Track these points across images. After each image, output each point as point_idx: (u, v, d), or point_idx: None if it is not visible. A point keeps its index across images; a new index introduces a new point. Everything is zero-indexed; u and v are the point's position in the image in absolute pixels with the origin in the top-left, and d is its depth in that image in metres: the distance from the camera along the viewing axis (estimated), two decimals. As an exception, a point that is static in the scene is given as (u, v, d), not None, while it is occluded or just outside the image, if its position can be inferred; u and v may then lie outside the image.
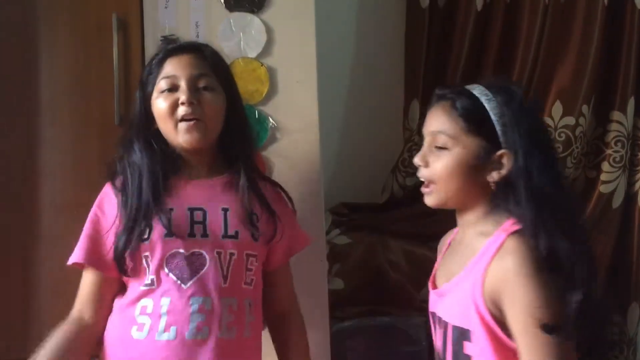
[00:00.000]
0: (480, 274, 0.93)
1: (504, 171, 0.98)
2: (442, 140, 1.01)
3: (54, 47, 1.54)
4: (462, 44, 1.93)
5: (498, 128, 0.98)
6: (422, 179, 1.05)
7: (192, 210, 1.18)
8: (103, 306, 1.21)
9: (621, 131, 1.95)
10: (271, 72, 1.55)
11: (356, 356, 1.74)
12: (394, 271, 1.85)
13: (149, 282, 1.15)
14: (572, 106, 1.91)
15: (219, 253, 1.16)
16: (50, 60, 1.53)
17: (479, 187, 1.01)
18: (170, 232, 1.14)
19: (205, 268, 1.15)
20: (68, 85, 1.53)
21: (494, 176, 0.99)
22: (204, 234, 1.17)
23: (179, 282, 1.14)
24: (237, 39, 1.55)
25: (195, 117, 1.16)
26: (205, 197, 1.20)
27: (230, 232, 1.18)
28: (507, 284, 0.90)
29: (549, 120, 1.91)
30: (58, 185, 1.51)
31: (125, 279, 1.20)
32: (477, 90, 1.02)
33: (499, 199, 0.99)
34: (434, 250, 1.87)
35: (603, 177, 1.96)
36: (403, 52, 1.99)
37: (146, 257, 1.15)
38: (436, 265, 1.15)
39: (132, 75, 1.52)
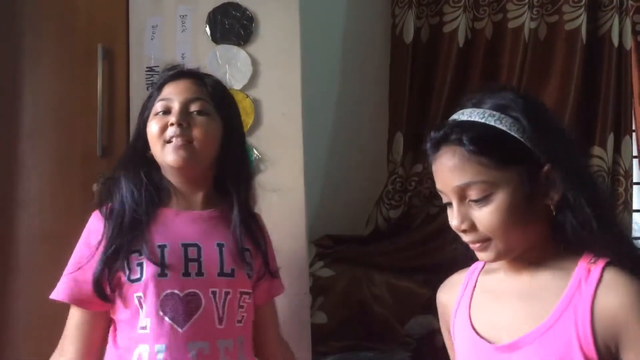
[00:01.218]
0: (585, 316, 0.81)
1: (560, 186, 0.83)
2: (477, 191, 0.83)
3: (38, 76, 1.53)
4: (445, 79, 1.97)
5: (528, 144, 0.83)
6: (473, 243, 0.87)
7: (186, 246, 1.12)
8: (89, 344, 1.14)
9: (602, 166, 1.99)
10: (256, 104, 1.56)
11: (339, 392, 1.70)
12: (377, 305, 1.83)
13: (144, 325, 1.08)
14: (553, 141, 1.95)
15: (214, 293, 1.11)
16: (33, 89, 1.53)
17: (539, 218, 0.85)
18: (163, 272, 1.09)
19: (201, 310, 1.09)
20: (51, 115, 1.52)
21: (553, 197, 0.84)
22: (199, 273, 1.11)
23: (174, 325, 1.07)
24: (223, 70, 1.56)
25: (184, 139, 1.12)
26: (200, 231, 1.15)
27: (227, 269, 1.13)
28: (628, 322, 0.79)
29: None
30: (36, 216, 1.48)
31: (116, 319, 1.13)
32: (477, 114, 0.85)
33: (563, 222, 0.84)
34: (419, 284, 1.88)
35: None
36: (387, 86, 2.02)
37: (139, 297, 1.09)
38: (457, 314, 0.97)
39: (117, 107, 1.52)
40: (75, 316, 1.14)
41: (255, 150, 1.54)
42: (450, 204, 0.87)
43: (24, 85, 1.52)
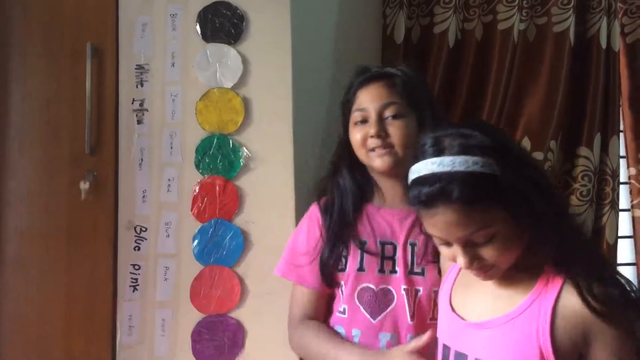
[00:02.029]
0: (546, 315, 0.90)
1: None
2: (482, 235, 0.88)
3: (26, 73, 1.53)
4: (435, 78, 1.97)
5: (508, 179, 0.88)
6: (478, 273, 0.95)
7: (383, 244, 1.22)
8: (318, 311, 1.29)
9: (588, 166, 2.00)
10: (246, 103, 1.56)
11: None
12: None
13: (342, 310, 1.24)
14: (540, 142, 1.96)
15: (406, 290, 1.20)
16: (21, 86, 1.52)
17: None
18: (362, 267, 1.21)
19: (393, 305, 1.20)
20: (39, 113, 1.52)
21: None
22: (393, 270, 1.21)
23: (368, 316, 1.20)
24: (213, 69, 1.56)
25: (386, 147, 1.21)
26: (396, 229, 1.24)
27: (417, 269, 1.21)
28: (590, 321, 0.88)
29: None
30: (24, 214, 1.48)
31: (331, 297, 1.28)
32: (460, 163, 0.87)
33: (535, 237, 0.92)
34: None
35: (571, 210, 2.00)
36: (378, 86, 2.02)
37: (341, 285, 1.24)
38: (445, 284, 1.09)
39: (105, 105, 1.52)
40: (299, 291, 1.30)
41: (245, 149, 1.55)
42: (447, 244, 0.93)
43: (12, 82, 1.52)
